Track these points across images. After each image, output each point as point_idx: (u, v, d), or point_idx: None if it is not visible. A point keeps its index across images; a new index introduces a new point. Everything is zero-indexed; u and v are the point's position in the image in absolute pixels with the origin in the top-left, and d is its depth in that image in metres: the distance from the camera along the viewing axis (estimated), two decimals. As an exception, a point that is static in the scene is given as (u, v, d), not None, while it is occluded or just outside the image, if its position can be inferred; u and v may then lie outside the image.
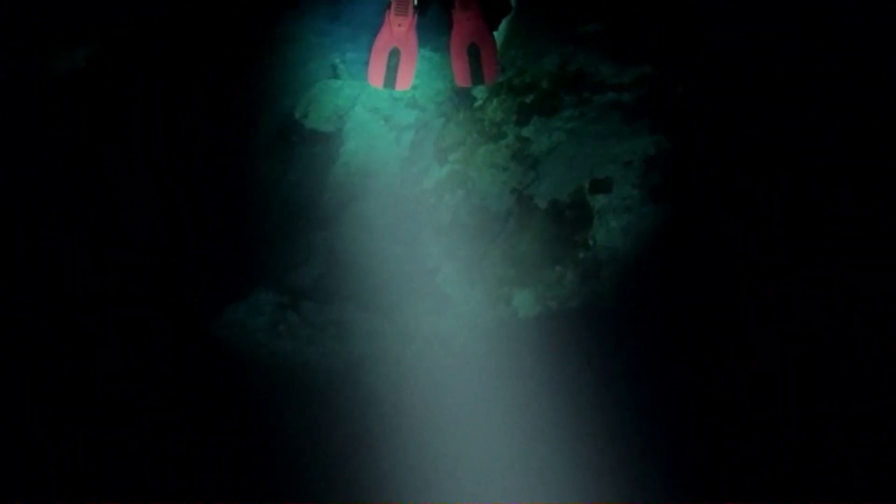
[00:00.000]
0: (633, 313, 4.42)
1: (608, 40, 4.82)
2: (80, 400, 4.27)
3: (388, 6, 5.36)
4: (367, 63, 6.17)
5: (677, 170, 4.51)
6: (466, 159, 5.03)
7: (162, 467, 4.12)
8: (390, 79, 5.46)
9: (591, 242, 4.56)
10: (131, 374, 4.45)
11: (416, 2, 5.29)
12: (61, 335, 4.47)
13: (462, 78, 5.26)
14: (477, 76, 5.18)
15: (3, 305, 4.51)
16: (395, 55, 5.40)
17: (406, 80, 5.49)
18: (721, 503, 3.56)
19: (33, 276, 4.66)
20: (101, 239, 5.04)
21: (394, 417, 4.69)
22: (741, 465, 3.75)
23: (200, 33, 6.05)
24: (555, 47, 4.95)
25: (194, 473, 4.15)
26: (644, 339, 4.29)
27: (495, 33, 5.40)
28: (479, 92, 5.30)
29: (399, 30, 5.34)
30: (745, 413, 3.84)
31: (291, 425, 4.64)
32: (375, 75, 5.50)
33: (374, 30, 6.48)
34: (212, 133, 5.95)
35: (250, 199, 5.89)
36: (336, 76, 6.35)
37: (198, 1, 6.12)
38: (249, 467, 4.28)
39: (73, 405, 4.25)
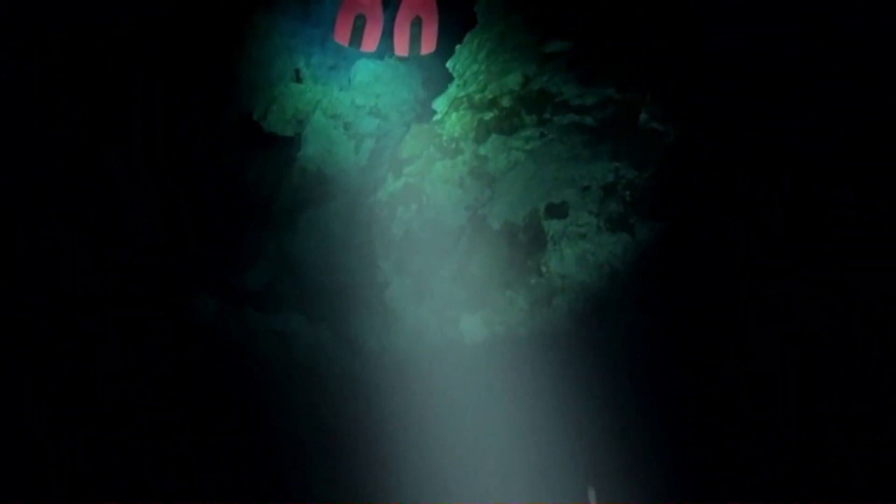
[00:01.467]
0: (585, 343, 4.13)
1: (573, 61, 4.48)
2: (72, 400, 4.27)
3: None
4: (330, 68, 6.10)
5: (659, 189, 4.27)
6: (422, 173, 4.70)
7: (154, 465, 4.14)
8: (356, 39, 5.40)
9: (543, 269, 4.25)
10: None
11: None
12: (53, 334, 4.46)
13: (401, 48, 5.27)
14: (415, 45, 5.21)
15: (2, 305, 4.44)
16: (360, 19, 5.36)
17: (371, 43, 5.41)
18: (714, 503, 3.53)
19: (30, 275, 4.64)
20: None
21: (336, 428, 4.49)
22: (737, 466, 3.72)
23: (169, 24, 5.78)
24: (518, 65, 4.62)
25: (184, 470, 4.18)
26: (597, 367, 4.11)
27: (458, 46, 5.15)
28: (440, 105, 4.98)
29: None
30: (740, 420, 3.81)
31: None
32: (342, 33, 5.42)
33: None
34: (170, 125, 5.66)
35: (203, 196, 5.61)
36: (299, 80, 6.10)
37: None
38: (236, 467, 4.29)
39: (68, 405, 4.24)
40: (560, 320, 4.18)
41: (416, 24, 5.19)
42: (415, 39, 5.21)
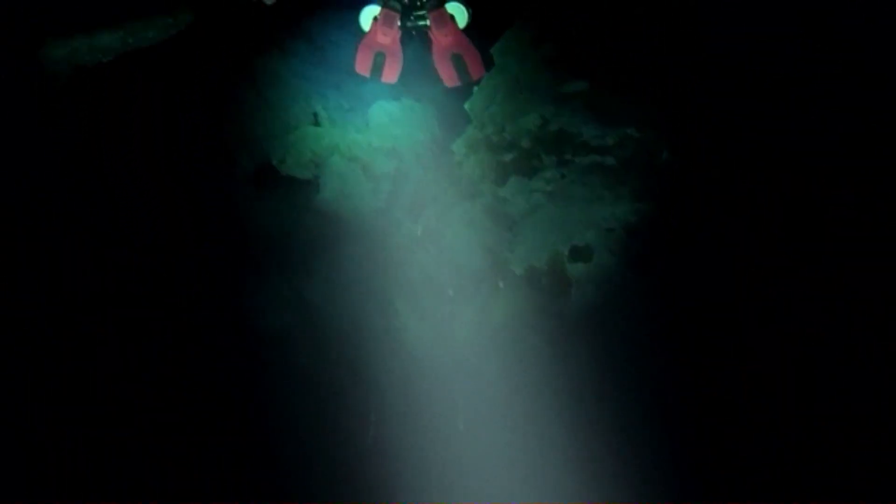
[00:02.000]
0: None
1: (592, 100, 4.38)
2: (80, 400, 4.18)
3: (376, 18, 5.35)
4: (347, 111, 6.03)
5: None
6: (441, 216, 4.57)
7: (157, 467, 4.05)
8: (377, 72, 5.52)
9: (566, 313, 4.10)
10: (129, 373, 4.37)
11: (399, 22, 5.30)
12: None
13: (449, 78, 5.25)
14: (464, 75, 5.17)
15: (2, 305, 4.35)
16: (380, 56, 5.45)
17: (392, 75, 5.50)
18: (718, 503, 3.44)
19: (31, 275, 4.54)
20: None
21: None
22: (738, 467, 3.62)
23: (189, 64, 5.74)
24: (537, 105, 4.52)
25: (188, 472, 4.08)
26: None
27: (476, 88, 5.07)
28: (458, 147, 4.89)
29: (384, 39, 5.36)
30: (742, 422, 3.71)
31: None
32: (363, 66, 5.55)
33: (360, 77, 6.45)
34: (191, 169, 5.52)
35: (222, 240, 5.47)
36: (317, 123, 6.03)
37: (189, 34, 5.79)
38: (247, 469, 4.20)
39: (72, 405, 4.15)
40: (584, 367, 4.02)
41: (458, 58, 5.16)
42: (462, 70, 5.17)
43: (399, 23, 5.27)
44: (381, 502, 3.82)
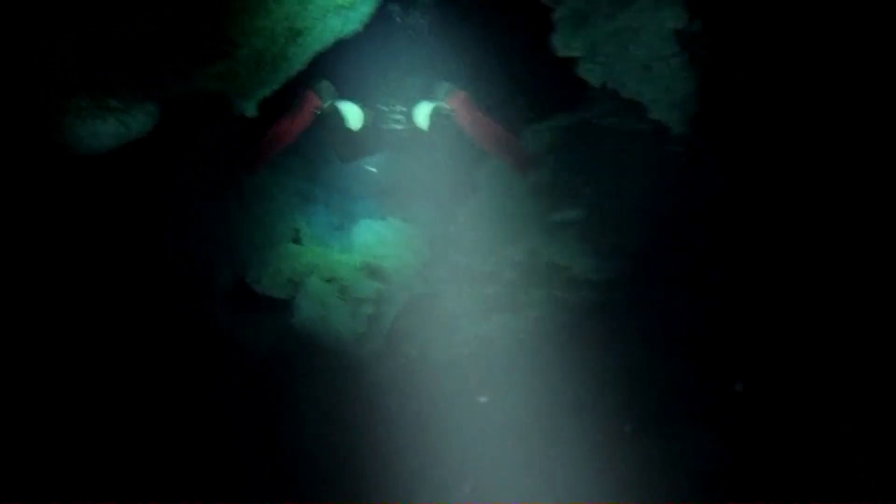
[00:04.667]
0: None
1: (587, 231, 3.72)
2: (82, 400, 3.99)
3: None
4: (334, 229, 5.54)
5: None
6: (421, 350, 3.87)
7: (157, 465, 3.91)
8: None
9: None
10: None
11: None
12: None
13: (519, 165, 4.31)
14: (521, 159, 4.29)
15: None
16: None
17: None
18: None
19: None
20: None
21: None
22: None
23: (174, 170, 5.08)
24: (525, 234, 3.86)
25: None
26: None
27: (460, 209, 4.48)
28: (439, 280, 4.21)
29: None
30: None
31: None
32: None
33: (349, 194, 5.97)
34: (170, 279, 4.87)
35: (196, 359, 4.82)
36: (298, 240, 5.47)
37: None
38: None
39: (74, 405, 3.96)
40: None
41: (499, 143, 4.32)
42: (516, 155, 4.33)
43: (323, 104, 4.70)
44: (381, 502, 3.55)
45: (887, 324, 3.10)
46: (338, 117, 4.78)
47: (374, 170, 5.60)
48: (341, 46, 4.52)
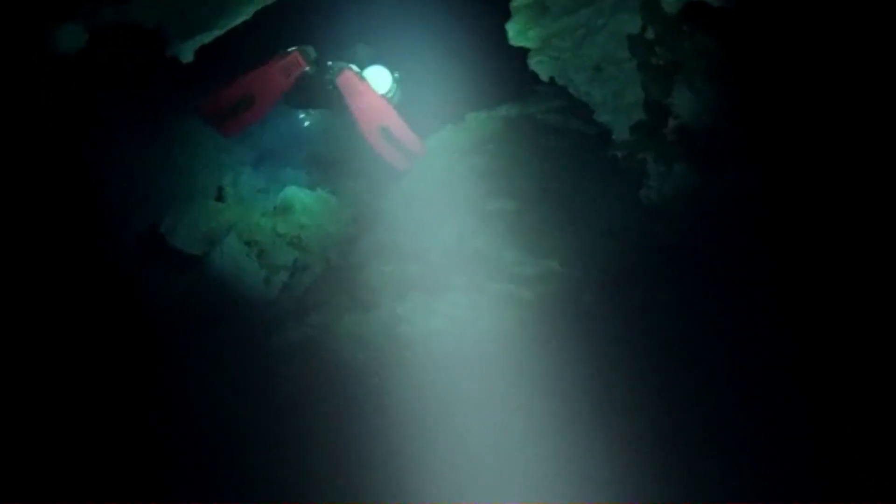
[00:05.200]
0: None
1: (518, 224, 3.61)
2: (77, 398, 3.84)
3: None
4: (259, 191, 5.29)
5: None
6: (327, 325, 3.69)
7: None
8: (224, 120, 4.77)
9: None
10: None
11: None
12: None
13: (397, 162, 4.51)
14: (408, 156, 4.47)
15: None
16: (244, 102, 4.65)
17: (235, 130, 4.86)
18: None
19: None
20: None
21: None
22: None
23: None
24: (453, 219, 3.74)
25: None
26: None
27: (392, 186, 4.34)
28: (360, 254, 4.05)
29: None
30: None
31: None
32: (210, 107, 4.78)
33: (285, 159, 5.75)
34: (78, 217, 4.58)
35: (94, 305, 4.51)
36: (221, 198, 5.21)
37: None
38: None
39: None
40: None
41: (387, 131, 4.44)
42: (400, 147, 4.48)
43: (306, 68, 4.53)
44: (381, 502, 3.32)
45: (884, 322, 3.06)
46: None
47: (307, 123, 5.49)
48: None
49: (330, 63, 4.62)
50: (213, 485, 3.62)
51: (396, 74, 4.69)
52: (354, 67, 4.63)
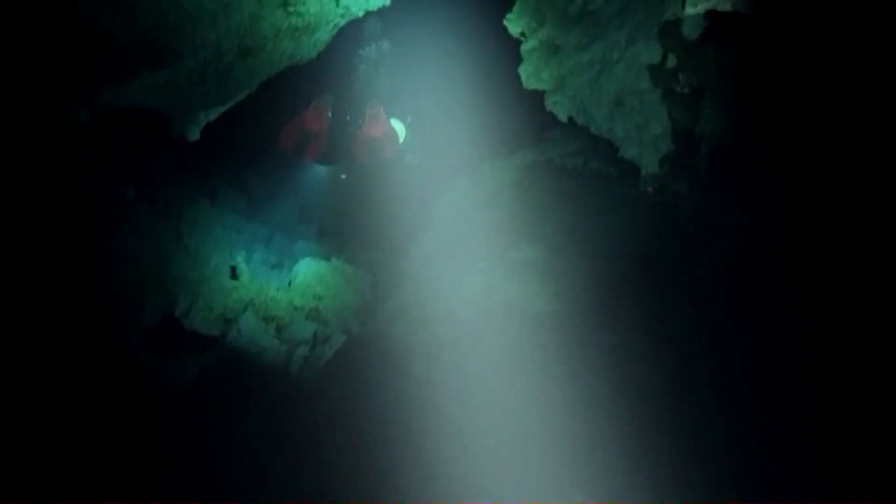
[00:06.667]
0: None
1: (549, 271, 3.30)
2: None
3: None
4: (273, 267, 5.09)
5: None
6: (355, 397, 3.34)
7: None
8: (299, 151, 5.28)
9: None
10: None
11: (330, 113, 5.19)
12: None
13: (361, 156, 5.11)
14: (375, 154, 5.01)
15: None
16: (306, 136, 5.20)
17: (315, 153, 5.27)
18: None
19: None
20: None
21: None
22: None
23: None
24: (479, 274, 3.44)
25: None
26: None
27: (411, 247, 4.09)
28: (385, 317, 3.74)
29: (313, 124, 5.16)
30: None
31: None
32: (286, 144, 5.31)
33: (296, 233, 5.57)
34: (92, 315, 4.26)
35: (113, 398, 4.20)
36: (235, 276, 4.96)
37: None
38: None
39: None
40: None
41: (375, 143, 4.94)
42: (374, 150, 5.02)
43: (329, 113, 5.12)
44: (382, 502, 3.18)
45: (885, 324, 2.89)
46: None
47: (343, 176, 5.65)
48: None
49: (348, 118, 5.09)
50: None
51: (409, 119, 4.99)
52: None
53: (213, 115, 4.40)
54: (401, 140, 4.98)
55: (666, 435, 3.03)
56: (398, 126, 4.99)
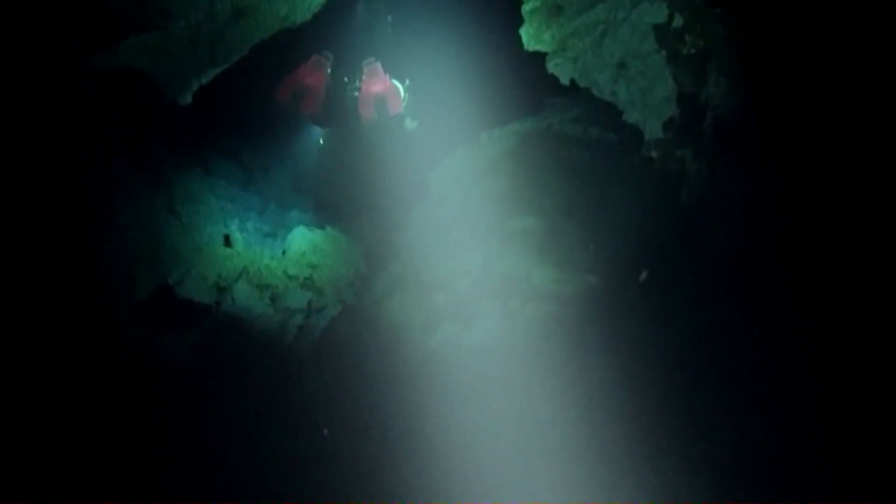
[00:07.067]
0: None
1: (547, 242, 3.20)
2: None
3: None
4: (267, 236, 5.00)
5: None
6: (351, 365, 3.26)
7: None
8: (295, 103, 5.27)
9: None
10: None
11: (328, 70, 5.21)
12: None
13: (367, 113, 5.09)
14: (383, 111, 5.01)
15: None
16: (302, 90, 5.20)
17: (311, 107, 5.27)
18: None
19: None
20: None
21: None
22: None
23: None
24: (477, 244, 3.33)
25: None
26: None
27: (406, 219, 3.99)
28: (381, 287, 3.65)
29: (310, 79, 5.17)
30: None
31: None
32: (282, 94, 5.28)
33: (291, 203, 5.46)
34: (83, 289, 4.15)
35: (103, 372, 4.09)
36: (228, 244, 4.85)
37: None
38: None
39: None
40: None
41: (382, 99, 4.92)
42: (382, 107, 5.03)
43: (328, 70, 5.14)
44: (383, 502, 3.11)
45: (885, 324, 2.83)
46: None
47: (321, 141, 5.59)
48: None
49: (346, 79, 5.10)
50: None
51: (407, 82, 4.87)
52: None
53: (206, 79, 4.26)
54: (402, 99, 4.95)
55: (665, 435, 2.98)
56: (399, 86, 4.94)
